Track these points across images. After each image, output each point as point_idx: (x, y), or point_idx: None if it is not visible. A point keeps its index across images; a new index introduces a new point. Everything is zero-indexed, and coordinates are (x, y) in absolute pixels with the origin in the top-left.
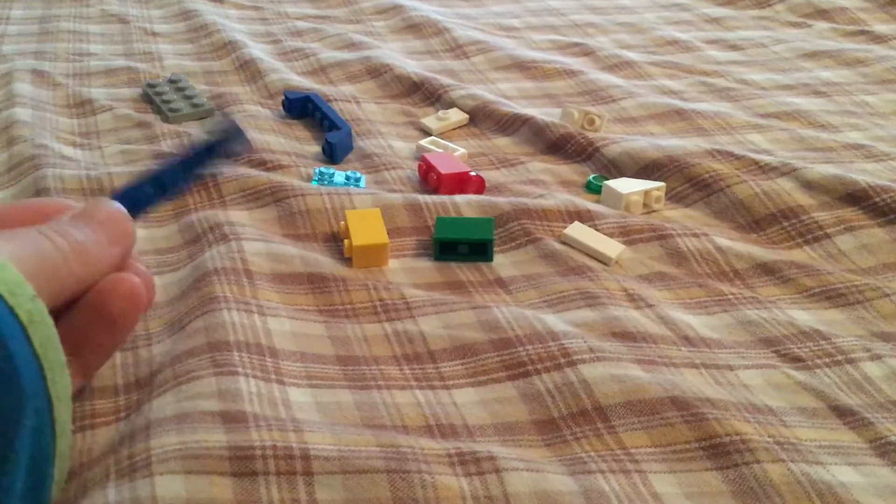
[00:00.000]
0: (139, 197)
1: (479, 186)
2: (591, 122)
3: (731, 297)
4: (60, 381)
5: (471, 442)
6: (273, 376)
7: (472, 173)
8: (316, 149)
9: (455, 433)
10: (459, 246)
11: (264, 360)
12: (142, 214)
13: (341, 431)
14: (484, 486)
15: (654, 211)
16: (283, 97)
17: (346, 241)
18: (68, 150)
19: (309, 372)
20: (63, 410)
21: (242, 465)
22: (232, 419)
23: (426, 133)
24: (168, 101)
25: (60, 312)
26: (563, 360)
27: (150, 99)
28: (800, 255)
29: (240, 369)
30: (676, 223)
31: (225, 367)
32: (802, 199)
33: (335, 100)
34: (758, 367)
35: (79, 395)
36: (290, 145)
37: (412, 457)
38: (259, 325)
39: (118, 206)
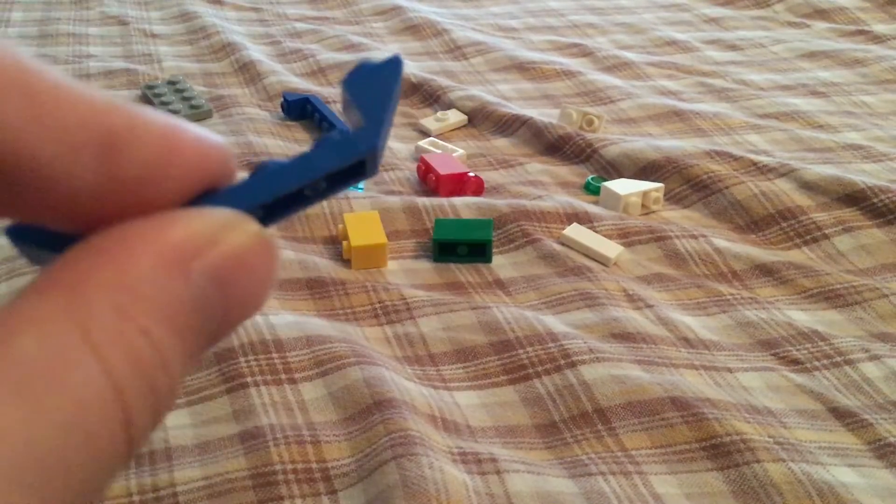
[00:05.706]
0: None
1: (478, 187)
2: (590, 122)
3: (729, 297)
4: None
5: (472, 442)
6: (283, 375)
7: (471, 174)
8: None
9: (458, 431)
10: (458, 247)
11: (271, 358)
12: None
13: (355, 431)
14: (486, 484)
15: (652, 212)
16: (281, 99)
17: (344, 243)
18: None
19: (317, 357)
20: None
21: (267, 491)
22: (250, 436)
23: (425, 134)
24: (167, 103)
25: None
26: (563, 362)
27: (149, 100)
28: (798, 255)
29: (248, 379)
30: (675, 224)
31: (234, 380)
32: (801, 199)
33: (334, 101)
34: (756, 370)
35: None
36: (289, 147)
37: (419, 441)
38: (261, 322)
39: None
